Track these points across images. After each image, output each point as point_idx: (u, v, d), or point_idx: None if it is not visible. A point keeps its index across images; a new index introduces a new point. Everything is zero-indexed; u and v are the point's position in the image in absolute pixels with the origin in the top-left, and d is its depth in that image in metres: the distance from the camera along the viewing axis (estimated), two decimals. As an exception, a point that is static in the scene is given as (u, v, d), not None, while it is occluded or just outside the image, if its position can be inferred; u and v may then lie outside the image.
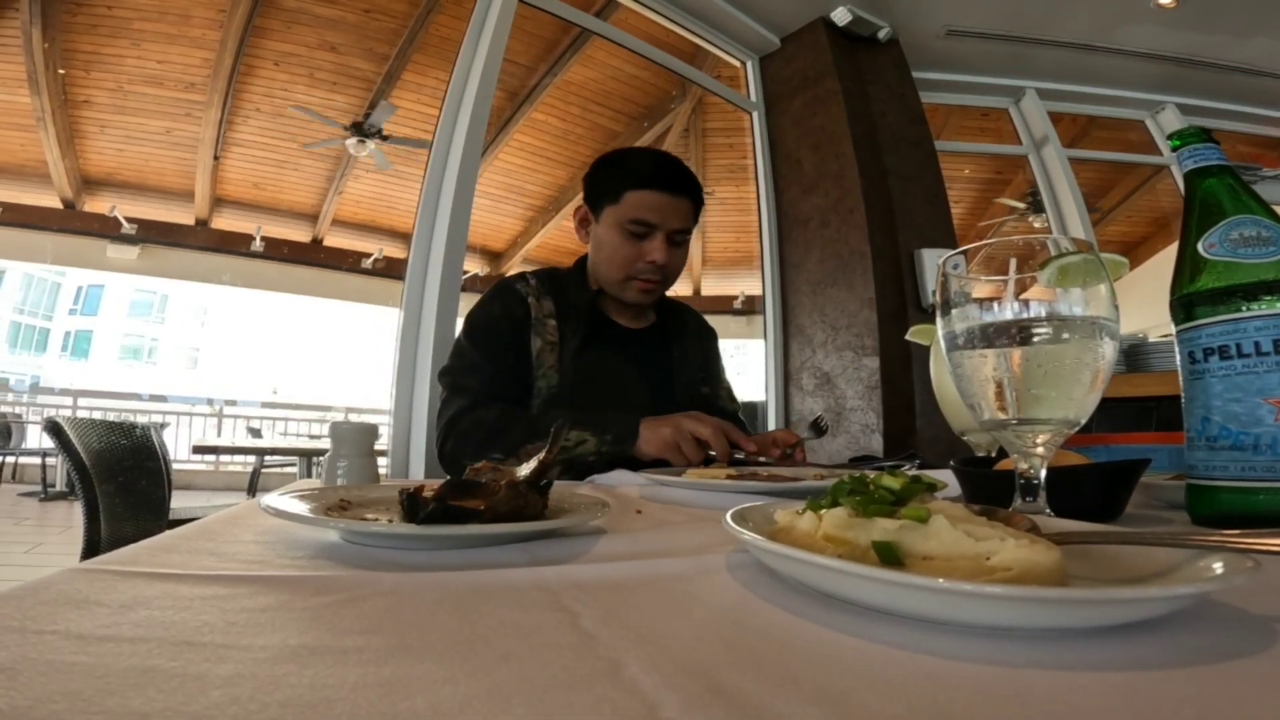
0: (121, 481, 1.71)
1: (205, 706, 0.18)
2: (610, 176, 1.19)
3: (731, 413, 1.36)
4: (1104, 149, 4.25)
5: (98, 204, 6.51)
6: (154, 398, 10.90)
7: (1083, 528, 0.38)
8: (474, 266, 7.00)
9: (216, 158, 5.92)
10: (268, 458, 5.91)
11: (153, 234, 6.89)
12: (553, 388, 1.16)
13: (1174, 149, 0.57)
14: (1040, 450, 0.47)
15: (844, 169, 2.85)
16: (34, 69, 4.71)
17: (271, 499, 0.47)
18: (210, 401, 10.75)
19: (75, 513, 3.36)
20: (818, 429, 1.12)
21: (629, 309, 1.30)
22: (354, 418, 10.35)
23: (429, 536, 0.41)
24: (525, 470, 0.49)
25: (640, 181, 1.16)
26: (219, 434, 8.96)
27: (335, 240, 7.32)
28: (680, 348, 1.32)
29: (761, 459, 1.01)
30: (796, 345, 2.96)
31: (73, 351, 24.97)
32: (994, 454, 0.82)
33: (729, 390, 1.42)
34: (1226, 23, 3.14)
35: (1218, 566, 0.28)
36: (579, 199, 1.28)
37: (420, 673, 0.21)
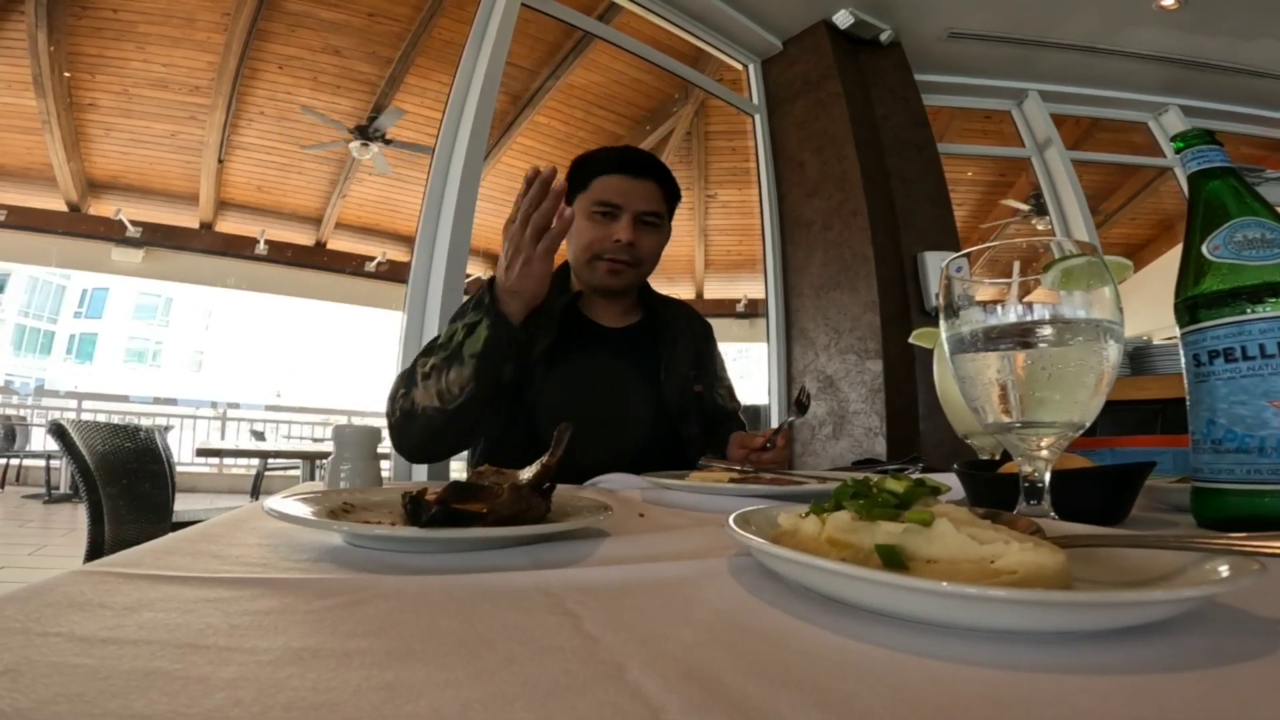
0: (125, 484, 1.71)
1: (208, 709, 0.18)
2: (582, 169, 1.25)
3: (731, 411, 1.34)
4: (1107, 151, 4.24)
5: (102, 207, 6.53)
6: (159, 400, 10.93)
7: (1088, 531, 0.38)
8: (477, 270, 7.01)
9: (221, 161, 5.94)
10: (271, 460, 5.92)
11: (157, 237, 6.91)
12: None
13: (1177, 151, 0.57)
14: (1045, 453, 0.47)
15: (846, 172, 2.85)
16: (39, 72, 4.73)
17: (274, 502, 0.47)
18: (214, 404, 10.78)
19: (79, 515, 3.37)
20: (800, 407, 1.10)
21: (612, 307, 1.29)
22: (357, 421, 10.37)
23: (432, 540, 0.41)
24: (528, 473, 0.49)
25: (606, 167, 1.22)
26: (222, 437, 8.99)
27: (339, 244, 7.34)
28: (669, 345, 1.29)
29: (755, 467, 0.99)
30: (799, 349, 2.96)
31: (77, 354, 25.06)
32: (998, 457, 0.82)
33: (729, 388, 1.40)
34: (1230, 24, 3.14)
35: (1223, 569, 0.28)
36: None
37: (423, 676, 0.21)
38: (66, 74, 4.87)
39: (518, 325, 0.95)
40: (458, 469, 1.53)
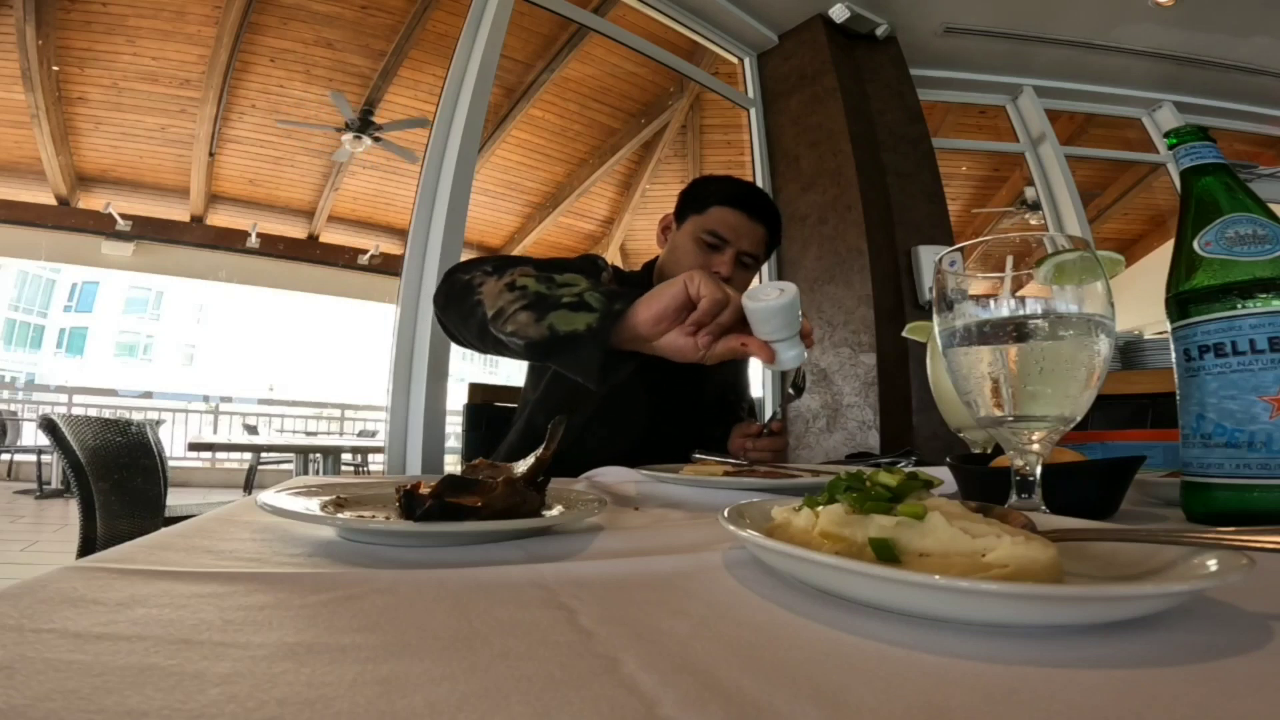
0: (117, 479, 1.70)
1: (203, 704, 0.18)
2: (703, 190, 1.27)
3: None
4: (1101, 147, 4.26)
5: (92, 201, 6.48)
6: (150, 394, 10.87)
7: (1078, 525, 0.39)
8: (471, 263, 6.97)
9: (212, 154, 5.90)
10: (264, 454, 5.91)
11: (148, 231, 6.87)
12: None
13: (1171, 147, 0.57)
14: (1036, 447, 0.47)
15: (842, 166, 2.85)
16: (28, 65, 4.68)
17: (268, 496, 0.47)
18: (206, 398, 10.73)
19: (71, 510, 3.36)
20: (796, 389, 1.10)
21: None
22: (350, 414, 10.35)
23: (426, 534, 0.41)
24: (522, 467, 0.49)
25: (727, 199, 1.23)
26: (215, 431, 8.94)
27: (331, 237, 7.31)
28: None
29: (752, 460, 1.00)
30: (793, 342, 2.96)
31: (68, 348, 24.86)
32: (990, 451, 0.82)
33: (751, 405, 1.46)
34: (1224, 21, 3.15)
35: (1212, 564, 0.28)
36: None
37: (418, 670, 0.21)
38: (55, 68, 4.82)
39: (603, 369, 0.77)
40: (452, 463, 1.54)
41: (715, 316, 0.73)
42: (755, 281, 1.32)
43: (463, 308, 0.92)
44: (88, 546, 1.57)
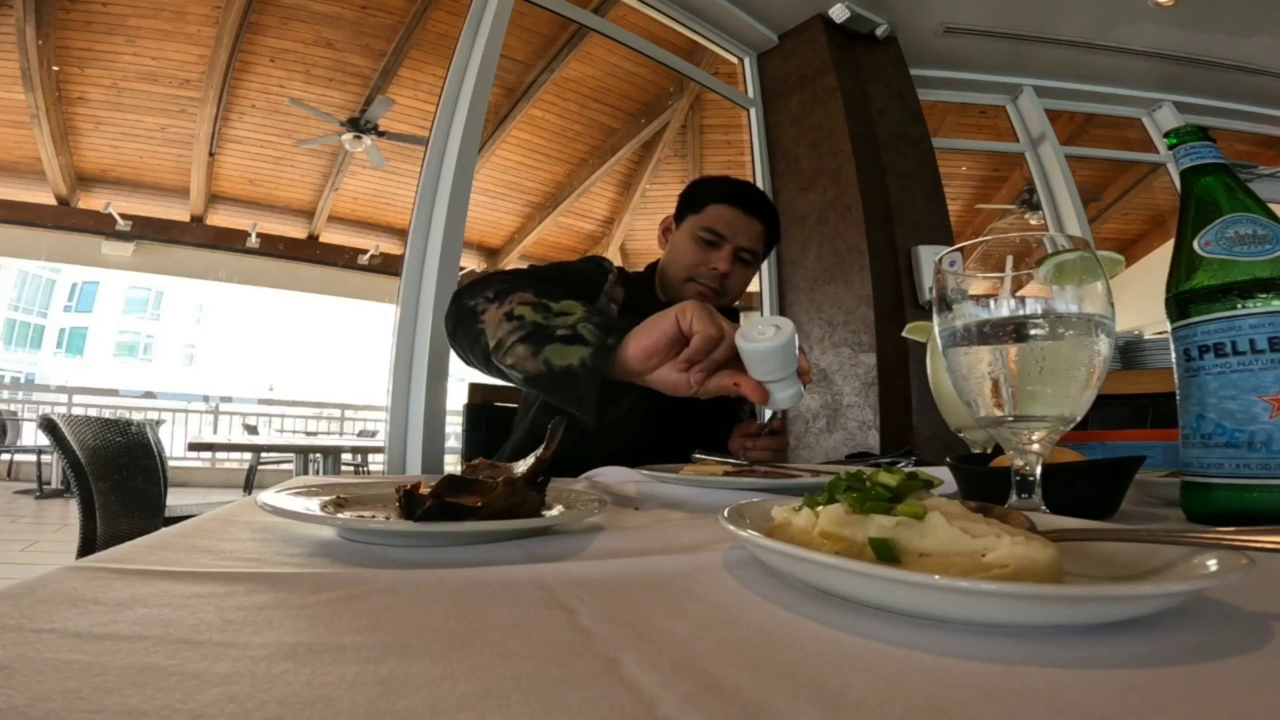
0: (117, 479, 1.70)
1: (203, 704, 0.18)
2: (700, 190, 1.30)
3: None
4: (1101, 147, 4.26)
5: (92, 201, 6.48)
6: (150, 394, 10.87)
7: (1078, 524, 0.39)
8: (471, 263, 7.00)
9: (212, 154, 5.89)
10: (264, 454, 5.91)
11: (148, 231, 6.86)
12: None
13: (1171, 147, 0.57)
14: (1036, 447, 0.47)
15: (841, 166, 2.85)
16: (28, 65, 4.68)
17: (268, 496, 0.47)
18: (206, 398, 10.74)
19: (71, 510, 3.36)
20: None
21: None
22: (350, 414, 10.35)
23: (426, 534, 0.41)
24: (522, 468, 0.49)
25: (723, 197, 1.26)
26: (215, 431, 8.94)
27: (331, 237, 7.30)
28: None
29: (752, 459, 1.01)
30: (793, 342, 2.96)
31: (68, 348, 24.88)
32: (990, 451, 0.82)
33: (751, 404, 1.45)
34: (1224, 21, 3.15)
35: (1212, 564, 0.28)
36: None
37: (418, 670, 0.21)
38: (55, 68, 4.82)
39: (601, 412, 0.75)
40: (452, 463, 1.54)
41: (708, 354, 0.71)
42: (755, 281, 1.32)
43: (469, 334, 0.92)
44: (88, 546, 1.57)
